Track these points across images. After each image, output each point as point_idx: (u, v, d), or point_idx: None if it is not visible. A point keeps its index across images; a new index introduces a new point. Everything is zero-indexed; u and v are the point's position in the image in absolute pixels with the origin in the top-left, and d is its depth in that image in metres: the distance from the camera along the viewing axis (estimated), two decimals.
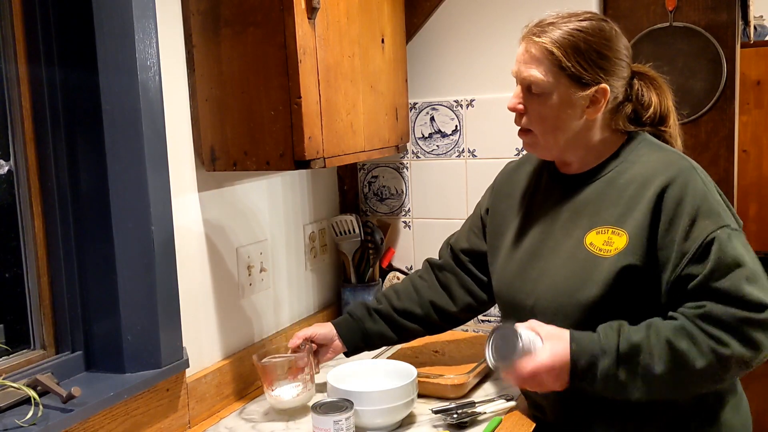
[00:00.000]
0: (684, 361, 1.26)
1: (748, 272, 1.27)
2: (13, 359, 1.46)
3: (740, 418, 1.43)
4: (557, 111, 1.39)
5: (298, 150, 1.60)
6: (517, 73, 1.42)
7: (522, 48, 1.42)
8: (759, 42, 3.11)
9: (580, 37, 1.36)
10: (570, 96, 1.38)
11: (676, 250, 1.30)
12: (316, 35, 1.65)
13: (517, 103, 1.43)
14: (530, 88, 1.40)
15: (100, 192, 1.50)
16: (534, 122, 1.42)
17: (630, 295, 1.34)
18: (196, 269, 1.72)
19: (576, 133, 1.42)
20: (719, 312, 1.26)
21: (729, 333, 1.25)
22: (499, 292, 1.58)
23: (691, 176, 1.34)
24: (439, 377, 1.73)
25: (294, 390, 1.66)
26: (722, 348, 1.25)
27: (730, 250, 1.28)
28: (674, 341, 1.26)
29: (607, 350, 1.28)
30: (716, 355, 1.25)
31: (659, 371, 1.26)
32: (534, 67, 1.38)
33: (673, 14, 2.05)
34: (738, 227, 1.33)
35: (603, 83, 1.38)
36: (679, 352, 1.26)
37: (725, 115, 2.04)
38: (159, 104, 1.53)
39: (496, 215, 1.65)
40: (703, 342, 1.26)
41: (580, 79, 1.37)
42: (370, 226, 2.26)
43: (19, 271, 1.50)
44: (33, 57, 1.47)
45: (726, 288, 1.26)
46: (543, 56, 1.37)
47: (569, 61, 1.36)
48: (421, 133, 2.26)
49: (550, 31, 1.37)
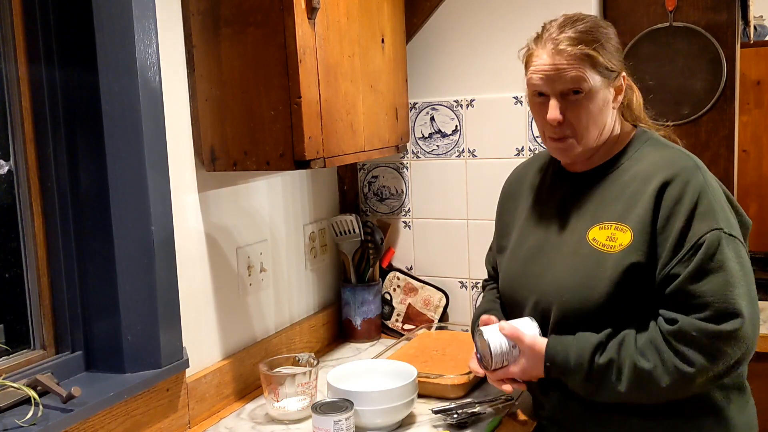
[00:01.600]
0: (648, 380, 1.31)
1: (729, 278, 1.28)
2: (13, 359, 1.46)
3: (745, 417, 1.43)
4: (600, 108, 1.40)
5: (298, 150, 1.60)
6: (549, 83, 1.39)
7: (546, 57, 1.39)
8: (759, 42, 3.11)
9: (596, 32, 1.40)
10: (606, 91, 1.41)
11: (668, 249, 1.32)
12: (316, 35, 1.65)
13: (560, 114, 1.39)
14: (569, 93, 1.38)
15: (100, 192, 1.50)
16: (578, 125, 1.40)
17: (636, 293, 1.35)
18: (196, 269, 1.72)
19: (607, 128, 1.44)
20: (690, 328, 1.28)
21: (698, 350, 1.28)
22: (503, 289, 1.59)
23: (693, 175, 1.35)
24: (439, 377, 1.73)
25: (299, 403, 1.66)
26: (687, 367, 1.29)
27: (716, 254, 1.29)
28: (639, 362, 1.31)
29: (578, 371, 1.35)
30: (680, 374, 1.29)
31: (623, 390, 1.32)
32: (572, 71, 1.37)
33: (673, 14, 2.05)
34: (733, 232, 1.33)
35: (621, 70, 1.44)
36: (644, 373, 1.31)
37: (725, 115, 2.04)
38: (159, 104, 1.53)
39: (504, 216, 1.67)
40: (668, 360, 1.30)
41: (611, 72, 1.40)
42: (370, 226, 2.26)
43: (19, 271, 1.50)
44: (33, 57, 1.47)
45: (702, 292, 1.28)
46: (577, 60, 1.37)
47: (601, 56, 1.38)
48: (421, 133, 2.26)
49: (568, 34, 1.38)
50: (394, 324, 2.30)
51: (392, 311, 2.30)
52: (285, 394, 1.65)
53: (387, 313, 2.30)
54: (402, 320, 2.29)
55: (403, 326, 2.29)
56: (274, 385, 1.65)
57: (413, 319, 2.28)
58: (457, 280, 2.28)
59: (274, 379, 1.65)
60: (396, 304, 2.30)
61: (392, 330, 2.29)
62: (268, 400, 1.67)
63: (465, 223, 2.24)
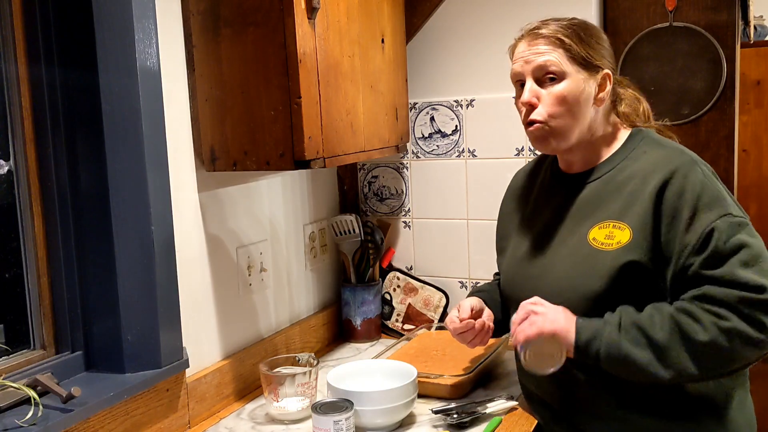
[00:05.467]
0: (686, 333, 1.27)
1: (747, 257, 1.28)
2: (13, 359, 1.46)
3: (745, 416, 1.43)
4: (577, 99, 1.41)
5: (298, 150, 1.60)
6: (525, 66, 1.43)
7: (524, 44, 1.45)
8: (759, 42, 3.11)
9: (577, 27, 1.43)
10: (582, 81, 1.41)
11: (678, 243, 1.31)
12: (316, 35, 1.65)
13: (532, 96, 1.43)
14: (544, 76, 1.41)
15: (100, 192, 1.50)
16: (551, 107, 1.41)
17: (634, 291, 1.35)
18: (196, 269, 1.72)
19: (587, 124, 1.44)
20: (716, 293, 1.27)
21: (729, 309, 1.26)
22: (504, 291, 1.59)
23: (691, 169, 1.35)
24: (439, 377, 1.73)
25: (299, 403, 1.66)
26: (723, 321, 1.26)
27: (729, 238, 1.28)
28: (675, 315, 1.29)
29: (610, 321, 1.32)
30: (719, 329, 1.26)
31: (661, 338, 1.28)
32: (547, 54, 1.41)
33: (673, 14, 2.05)
34: (742, 215, 1.33)
35: (606, 69, 1.44)
36: (681, 324, 1.27)
37: (725, 115, 2.04)
38: (159, 104, 1.53)
39: (504, 218, 1.68)
40: (703, 317, 1.27)
41: (589, 63, 1.41)
42: (370, 226, 2.26)
43: (19, 271, 1.50)
44: (33, 57, 1.47)
45: (720, 274, 1.28)
46: (552, 44, 1.41)
47: (577, 46, 1.41)
48: (421, 133, 2.26)
49: (550, 25, 1.43)
50: (394, 324, 2.30)
51: (392, 311, 2.30)
52: (285, 394, 1.65)
53: (387, 313, 2.30)
54: (402, 320, 2.30)
55: (403, 326, 2.29)
56: (274, 385, 1.65)
57: (413, 319, 2.28)
58: (457, 280, 2.28)
59: (274, 379, 1.65)
60: (396, 304, 2.30)
61: (392, 330, 2.29)
62: (268, 400, 1.67)
63: (465, 223, 2.24)
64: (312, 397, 1.67)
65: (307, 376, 1.66)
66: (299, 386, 1.65)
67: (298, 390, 1.65)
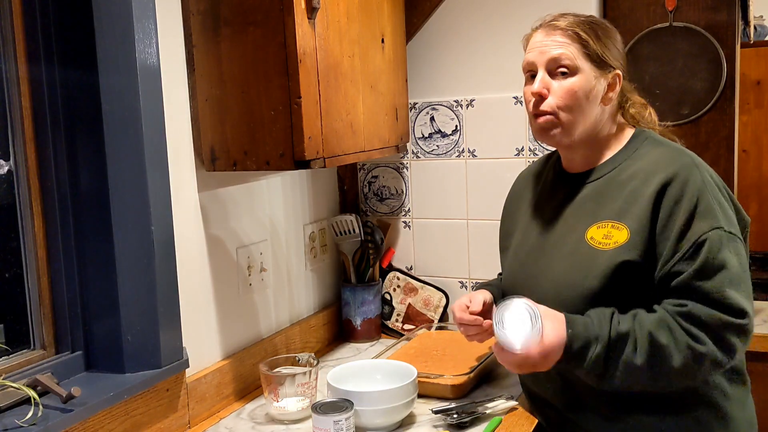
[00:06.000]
0: (662, 356, 1.29)
1: (732, 276, 1.29)
2: (13, 359, 1.46)
3: (746, 414, 1.43)
4: (587, 96, 1.41)
5: (298, 150, 1.60)
6: (539, 56, 1.43)
7: (541, 35, 1.44)
8: (759, 42, 3.11)
9: (595, 25, 1.44)
10: (593, 79, 1.42)
11: (669, 248, 1.32)
12: (316, 35, 1.65)
13: (542, 86, 1.43)
14: (556, 69, 1.41)
15: (100, 192, 1.50)
16: (560, 100, 1.41)
17: (630, 290, 1.36)
18: (196, 269, 1.72)
19: (593, 121, 1.44)
20: (701, 314, 1.28)
21: (707, 333, 1.28)
22: (505, 289, 1.59)
23: (691, 173, 1.36)
24: (439, 377, 1.73)
25: (299, 403, 1.66)
26: (699, 346, 1.28)
27: (719, 253, 1.30)
28: (655, 334, 1.29)
29: (600, 338, 1.31)
30: (692, 352, 1.28)
31: (639, 363, 1.29)
32: (563, 47, 1.41)
33: (673, 14, 2.05)
34: (733, 230, 1.34)
35: (618, 69, 1.45)
36: (659, 347, 1.29)
37: (725, 115, 2.04)
38: (159, 104, 1.53)
39: (506, 218, 1.69)
40: (680, 337, 1.28)
41: (603, 61, 1.42)
42: (370, 226, 2.26)
43: (19, 271, 1.50)
44: (33, 57, 1.47)
45: (708, 289, 1.29)
46: (569, 38, 1.41)
47: (594, 43, 1.41)
48: (421, 133, 2.26)
49: (569, 18, 1.43)
50: (394, 324, 2.30)
51: (392, 311, 2.30)
52: (285, 394, 1.65)
53: (387, 313, 2.30)
54: (402, 320, 2.29)
55: (403, 326, 2.29)
56: (274, 385, 1.65)
57: (413, 319, 2.28)
58: (457, 280, 2.28)
59: (274, 379, 1.65)
60: (396, 304, 2.30)
61: (392, 330, 2.29)
62: (268, 400, 1.67)
63: (465, 223, 2.24)
64: (312, 397, 1.67)
65: (307, 376, 1.66)
66: (299, 386, 1.65)
67: (298, 390, 1.65)
